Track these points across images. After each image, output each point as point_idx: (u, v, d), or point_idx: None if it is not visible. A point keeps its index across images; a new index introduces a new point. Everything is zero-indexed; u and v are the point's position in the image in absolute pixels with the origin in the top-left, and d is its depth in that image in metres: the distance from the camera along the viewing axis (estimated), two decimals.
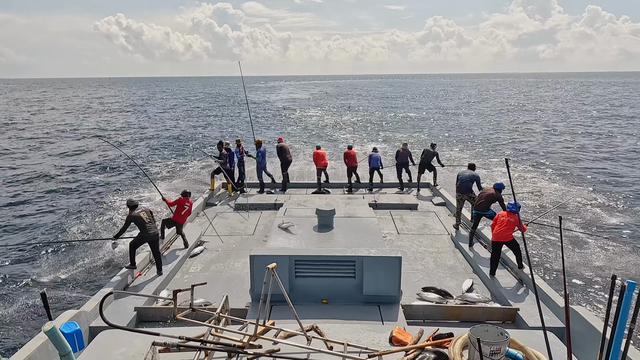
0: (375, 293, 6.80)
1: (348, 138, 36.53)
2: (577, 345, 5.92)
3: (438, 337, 4.98)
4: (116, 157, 29.27)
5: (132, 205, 8.69)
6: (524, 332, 5.51)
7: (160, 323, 7.12)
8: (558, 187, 20.17)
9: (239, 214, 12.70)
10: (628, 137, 36.42)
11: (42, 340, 5.65)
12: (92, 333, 6.54)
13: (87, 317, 6.83)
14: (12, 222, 16.74)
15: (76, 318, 6.44)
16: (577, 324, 6.37)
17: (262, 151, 14.53)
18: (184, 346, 4.36)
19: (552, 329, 6.02)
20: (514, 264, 8.65)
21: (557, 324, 6.76)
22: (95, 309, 6.99)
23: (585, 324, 6.27)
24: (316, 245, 7.87)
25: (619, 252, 12.99)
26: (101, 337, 5.09)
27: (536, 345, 4.51)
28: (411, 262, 9.42)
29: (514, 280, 8.34)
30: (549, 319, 6.94)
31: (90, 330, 6.74)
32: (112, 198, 19.73)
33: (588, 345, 5.97)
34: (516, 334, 4.77)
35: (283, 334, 4.98)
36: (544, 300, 7.38)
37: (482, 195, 9.90)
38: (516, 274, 8.51)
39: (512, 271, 8.66)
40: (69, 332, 4.90)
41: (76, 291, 10.91)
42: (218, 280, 8.59)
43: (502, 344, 4.13)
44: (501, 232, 8.32)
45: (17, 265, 12.72)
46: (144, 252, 9.22)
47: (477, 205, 9.93)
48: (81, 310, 6.80)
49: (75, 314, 6.57)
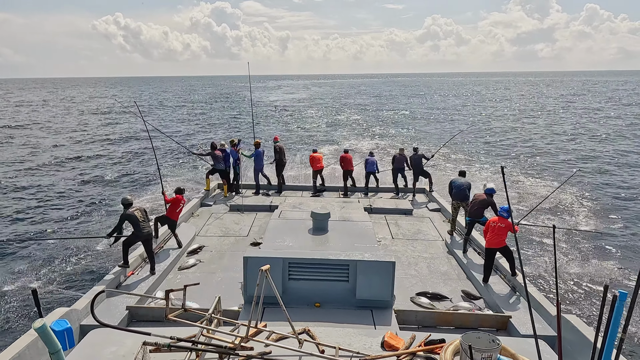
0: (368, 297, 6.79)
1: (346, 136, 36.50)
2: (568, 354, 5.94)
3: (430, 343, 4.98)
4: (113, 155, 29.20)
5: (127, 204, 8.64)
6: (515, 340, 5.52)
7: (151, 323, 7.09)
8: (550, 191, 20.26)
9: (234, 215, 12.68)
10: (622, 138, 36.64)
11: (31, 337, 5.61)
12: (82, 331, 6.50)
13: (78, 315, 6.78)
14: (3, 218, 16.63)
15: (67, 316, 6.40)
16: (568, 333, 6.38)
17: (259, 152, 14.52)
18: (175, 346, 4.34)
19: (543, 337, 6.03)
20: (507, 272, 8.67)
21: (549, 332, 6.77)
22: (87, 307, 6.94)
23: (577, 332, 6.28)
24: (310, 248, 7.86)
25: (612, 261, 13.06)
26: (92, 335, 5.06)
27: (527, 353, 4.52)
28: (405, 267, 9.42)
29: (507, 287, 8.35)
30: (541, 327, 6.95)
31: (81, 328, 6.69)
32: (106, 195, 19.66)
33: (579, 354, 5.98)
34: (508, 341, 4.78)
35: (275, 337, 4.97)
36: (536, 308, 7.40)
37: (475, 202, 9.90)
38: (509, 282, 8.52)
39: (505, 278, 8.68)
40: (60, 330, 4.86)
41: (68, 289, 10.84)
42: (211, 281, 8.56)
43: (493, 351, 4.14)
44: (493, 238, 8.34)
45: (7, 261, 12.63)
46: (137, 251, 9.18)
47: (471, 212, 9.94)
48: (72, 308, 6.75)
49: (66, 311, 6.53)
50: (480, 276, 8.68)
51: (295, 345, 4.75)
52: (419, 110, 62.15)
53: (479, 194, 9.99)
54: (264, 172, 14.85)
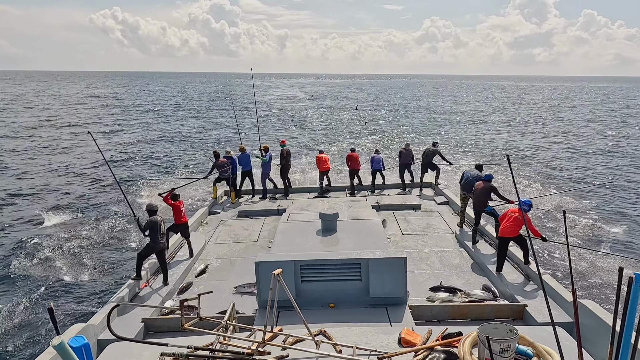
0: (381, 295, 6.78)
1: (351, 135, 36.32)
2: (587, 340, 5.89)
3: (447, 337, 4.96)
4: (113, 155, 29.32)
5: (153, 210, 8.68)
6: (533, 328, 5.49)
7: (168, 333, 7.12)
8: (561, 182, 20.13)
9: (243, 221, 12.71)
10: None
11: (50, 355, 5.65)
12: (100, 346, 6.54)
13: (94, 330, 6.82)
14: (12, 233, 16.76)
15: (84, 331, 6.44)
16: (586, 318, 6.33)
17: (268, 156, 14.57)
18: (192, 356, 4.35)
19: (561, 324, 5.99)
20: (520, 260, 8.62)
21: (566, 319, 6.73)
22: (103, 321, 6.98)
23: (594, 317, 6.24)
24: (321, 249, 7.86)
25: (626, 244, 12.94)
26: (110, 349, 5.09)
27: (546, 341, 4.49)
28: (416, 263, 9.40)
29: (521, 276, 8.31)
30: (558, 314, 6.91)
31: (98, 343, 6.73)
32: (113, 205, 19.76)
33: (598, 339, 5.94)
34: (525, 330, 4.74)
35: (291, 340, 4.97)
36: (552, 296, 7.35)
37: (476, 192, 9.85)
38: (523, 270, 8.47)
39: (518, 267, 8.63)
40: (77, 346, 4.88)
41: (83, 304, 10.91)
42: (224, 288, 8.58)
43: (511, 341, 4.12)
44: (507, 227, 8.27)
45: (21, 279, 12.72)
46: (148, 263, 9.22)
47: (475, 203, 9.89)
48: (89, 324, 6.80)
49: (83, 327, 6.57)
50: (493, 266, 8.64)
51: (313, 347, 4.74)
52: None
53: (478, 184, 9.91)
54: (270, 176, 14.88)
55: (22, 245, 15.88)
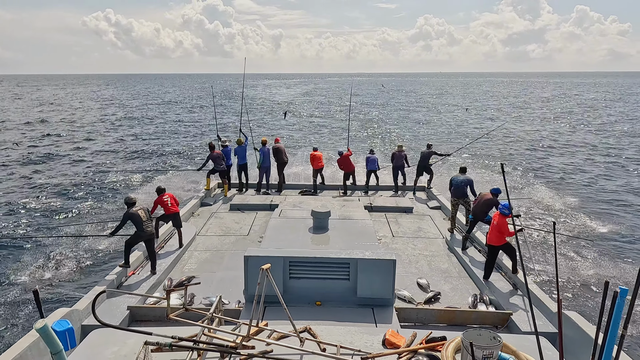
0: (369, 295, 6.80)
1: (345, 137, 36.34)
2: (569, 351, 5.95)
3: (431, 341, 4.99)
4: (113, 155, 29.19)
5: (130, 203, 8.64)
6: (516, 337, 5.53)
7: (153, 322, 7.10)
8: (552, 192, 20.25)
9: (234, 214, 12.69)
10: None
11: (33, 338, 5.62)
12: (84, 331, 6.51)
13: (79, 315, 6.79)
14: (1, 216, 16.64)
15: (68, 316, 6.41)
16: (569, 330, 6.39)
17: (265, 151, 14.52)
18: (176, 346, 4.34)
19: (544, 334, 6.04)
20: (508, 269, 8.67)
21: (550, 329, 6.78)
22: (88, 307, 6.95)
23: (578, 329, 6.29)
24: (311, 246, 7.87)
25: (613, 258, 13.05)
26: (93, 335, 5.07)
27: (529, 350, 4.53)
28: (405, 265, 9.43)
29: (508, 284, 8.36)
30: (542, 324, 6.96)
31: (82, 328, 6.70)
32: (108, 195, 19.66)
33: (580, 351, 5.99)
34: (509, 338, 4.78)
35: (276, 335, 4.97)
36: (537, 305, 7.40)
37: (479, 201, 9.84)
38: (510, 279, 8.53)
39: (505, 275, 8.68)
40: (61, 330, 4.86)
41: (69, 289, 10.85)
42: (212, 280, 8.57)
43: (494, 348, 4.15)
44: (492, 234, 8.33)
45: (8, 262, 12.63)
46: (137, 251, 9.19)
47: (475, 211, 9.89)
48: (73, 309, 6.76)
49: (68, 312, 6.54)
50: (480, 273, 8.69)
51: (297, 344, 4.75)
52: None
53: (484, 193, 9.89)
54: (269, 172, 14.84)
55: (10, 228, 15.78)
